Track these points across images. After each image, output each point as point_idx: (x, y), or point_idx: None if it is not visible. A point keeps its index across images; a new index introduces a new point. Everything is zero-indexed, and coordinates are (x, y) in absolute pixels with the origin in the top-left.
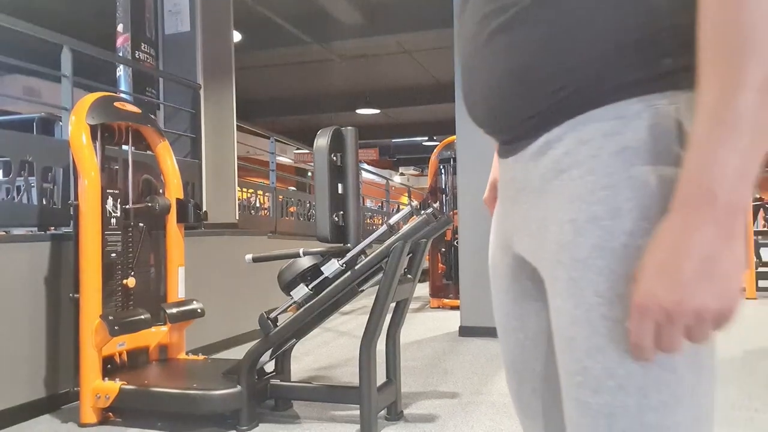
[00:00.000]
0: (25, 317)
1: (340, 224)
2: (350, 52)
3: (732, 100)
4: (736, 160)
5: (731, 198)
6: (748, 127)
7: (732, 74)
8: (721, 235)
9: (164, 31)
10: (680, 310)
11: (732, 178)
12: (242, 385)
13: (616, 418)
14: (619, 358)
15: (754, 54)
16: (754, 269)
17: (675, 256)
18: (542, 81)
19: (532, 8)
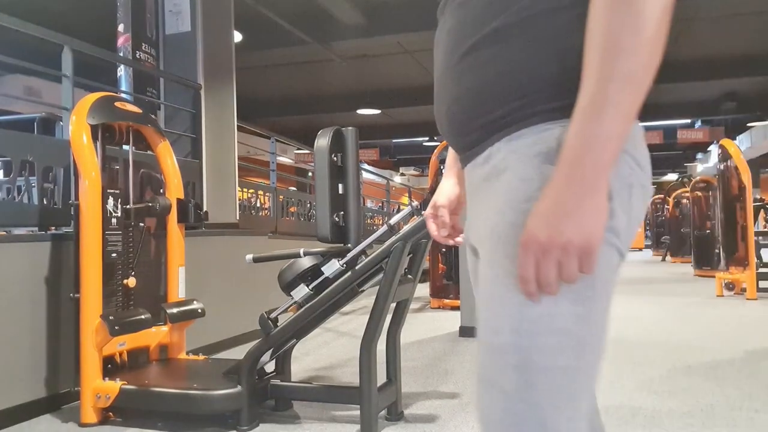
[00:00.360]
0: (26, 317)
1: (340, 224)
2: (351, 52)
3: (602, 88)
4: (601, 132)
5: (596, 161)
6: (612, 108)
7: (603, 70)
8: (586, 189)
9: (165, 31)
10: (551, 243)
11: (597, 146)
12: (242, 385)
13: (509, 356)
14: (517, 306)
15: (618, 56)
16: (754, 270)
17: (551, 204)
18: (489, 105)
19: (485, 44)
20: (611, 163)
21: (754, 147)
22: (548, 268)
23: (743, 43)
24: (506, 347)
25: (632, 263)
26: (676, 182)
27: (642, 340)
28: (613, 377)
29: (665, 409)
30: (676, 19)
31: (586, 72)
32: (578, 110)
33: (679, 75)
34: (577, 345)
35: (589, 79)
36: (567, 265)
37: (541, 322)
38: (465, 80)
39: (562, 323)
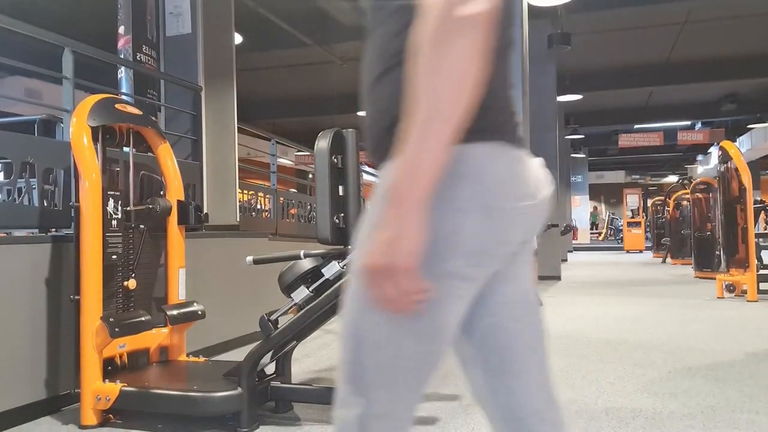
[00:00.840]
0: (26, 319)
1: (340, 226)
2: (351, 54)
3: (408, 135)
4: (409, 175)
5: (408, 198)
6: (415, 153)
7: (411, 114)
8: (400, 222)
9: (165, 32)
10: (370, 266)
11: (408, 186)
12: (243, 387)
13: (345, 348)
14: (357, 311)
15: (419, 101)
16: (755, 272)
17: (376, 234)
18: (378, 135)
19: (372, 86)
20: (421, 197)
21: (754, 148)
22: (373, 285)
23: (743, 45)
24: (344, 341)
25: (633, 265)
26: (677, 184)
27: (642, 342)
28: (613, 379)
29: (666, 411)
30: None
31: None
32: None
33: (679, 77)
34: (395, 348)
35: (406, 123)
36: (384, 283)
37: (367, 326)
38: (366, 114)
39: (381, 330)
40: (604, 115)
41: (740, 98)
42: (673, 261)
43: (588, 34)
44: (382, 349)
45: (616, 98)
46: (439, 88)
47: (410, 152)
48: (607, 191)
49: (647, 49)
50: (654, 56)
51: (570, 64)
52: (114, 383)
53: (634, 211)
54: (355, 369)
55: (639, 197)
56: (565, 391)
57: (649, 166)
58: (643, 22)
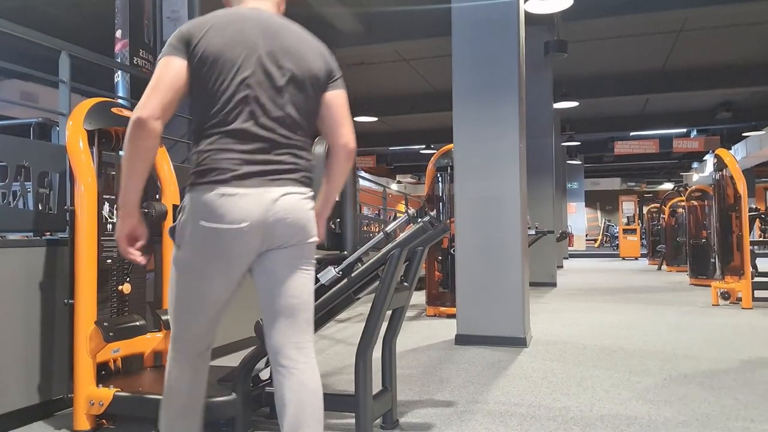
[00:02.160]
0: (20, 322)
1: (336, 231)
2: (348, 60)
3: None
4: (120, 201)
5: (122, 208)
6: (122, 193)
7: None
8: (120, 220)
9: (162, 37)
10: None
11: (122, 202)
12: (237, 393)
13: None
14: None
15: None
16: (749, 279)
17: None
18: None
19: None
20: (129, 207)
21: (749, 156)
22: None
23: (739, 53)
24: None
25: (628, 272)
26: (672, 191)
27: (637, 349)
28: (608, 386)
29: (661, 419)
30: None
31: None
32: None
33: (675, 84)
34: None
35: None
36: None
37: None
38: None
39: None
40: (600, 122)
41: (735, 106)
42: (668, 268)
43: (584, 42)
44: (172, 292)
45: (613, 105)
46: (123, 163)
47: (120, 192)
48: (603, 198)
49: (643, 57)
50: (650, 64)
51: (566, 71)
52: (107, 388)
53: (629, 218)
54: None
55: (635, 204)
56: (561, 398)
57: (645, 174)
58: (639, 30)
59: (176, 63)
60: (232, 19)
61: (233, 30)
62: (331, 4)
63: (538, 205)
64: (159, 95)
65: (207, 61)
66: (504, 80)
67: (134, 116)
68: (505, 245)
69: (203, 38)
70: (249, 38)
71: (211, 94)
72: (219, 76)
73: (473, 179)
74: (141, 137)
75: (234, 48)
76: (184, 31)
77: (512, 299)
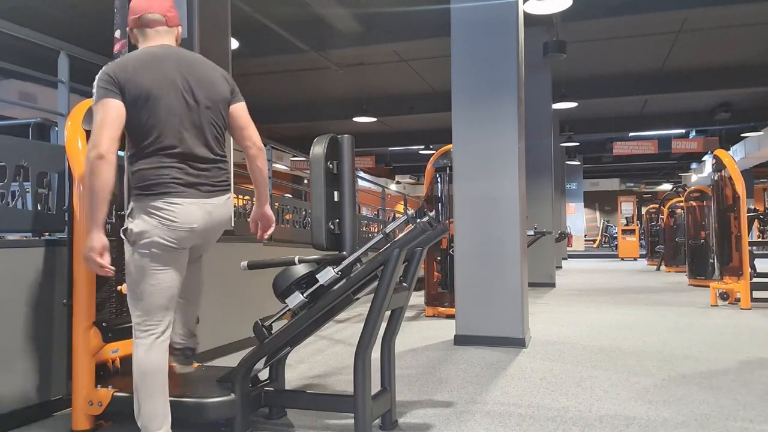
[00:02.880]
0: (18, 323)
1: (335, 232)
2: (347, 60)
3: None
4: (88, 221)
5: (93, 229)
6: (86, 216)
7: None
8: (92, 239)
9: None
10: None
11: (92, 224)
12: (236, 393)
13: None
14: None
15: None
16: (748, 280)
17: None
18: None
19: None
20: (93, 225)
21: (747, 157)
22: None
23: (737, 54)
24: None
25: (627, 272)
26: (671, 192)
27: (636, 350)
28: (607, 386)
29: (660, 419)
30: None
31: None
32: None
33: (673, 85)
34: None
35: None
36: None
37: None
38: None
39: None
40: (599, 123)
41: (734, 107)
42: (667, 269)
43: (583, 43)
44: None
45: (611, 106)
46: (89, 192)
47: (89, 215)
48: (601, 199)
49: (642, 58)
50: (649, 65)
51: (565, 72)
52: (106, 388)
53: (628, 218)
54: (132, 296)
55: (633, 205)
56: (559, 399)
57: (644, 174)
58: (638, 30)
59: (115, 103)
60: (151, 59)
61: (155, 69)
62: (329, 4)
63: (537, 206)
64: (109, 132)
65: (139, 99)
66: (503, 81)
67: (93, 153)
68: (504, 246)
69: (131, 80)
70: (169, 74)
71: (147, 124)
72: (151, 109)
73: (472, 180)
74: (103, 170)
75: (160, 84)
76: (112, 75)
77: (511, 300)
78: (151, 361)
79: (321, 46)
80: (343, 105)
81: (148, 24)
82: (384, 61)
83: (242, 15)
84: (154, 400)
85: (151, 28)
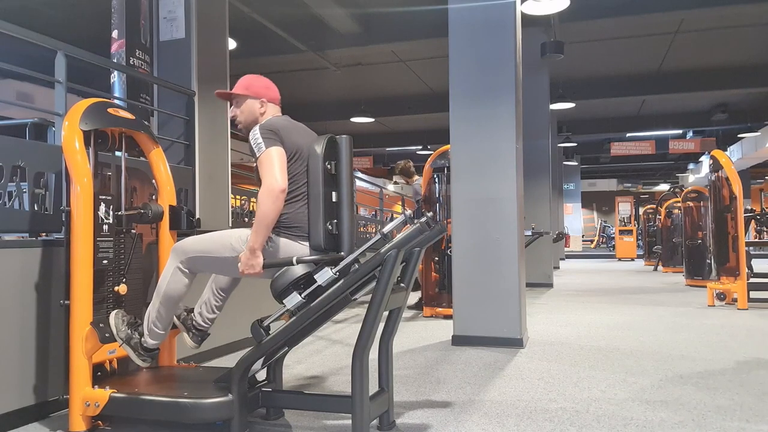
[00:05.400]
0: (15, 323)
1: (333, 233)
2: (345, 61)
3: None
4: (252, 242)
5: (256, 248)
6: (256, 237)
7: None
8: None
9: (159, 37)
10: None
11: (256, 246)
12: (234, 394)
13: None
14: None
15: (258, 220)
16: (745, 280)
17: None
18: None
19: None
20: (257, 247)
21: (745, 157)
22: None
23: (734, 55)
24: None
25: (624, 272)
26: (668, 192)
27: (633, 350)
28: (604, 387)
29: (657, 419)
30: (668, 30)
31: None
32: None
33: (671, 86)
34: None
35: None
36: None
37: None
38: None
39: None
40: (597, 124)
41: (731, 107)
42: (664, 269)
43: (581, 43)
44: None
45: (609, 107)
46: (259, 216)
47: (253, 234)
48: (599, 199)
49: (639, 58)
50: (646, 65)
51: (563, 73)
52: (103, 389)
53: (626, 219)
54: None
55: (631, 205)
56: (557, 399)
57: (641, 175)
58: (635, 31)
59: (281, 149)
60: (292, 125)
61: (295, 132)
62: (328, 5)
63: (534, 206)
64: (283, 171)
65: (289, 150)
66: (501, 81)
67: (275, 187)
68: (502, 246)
69: (286, 136)
70: (303, 138)
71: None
72: (299, 163)
73: (470, 180)
74: (279, 200)
75: (301, 144)
76: (273, 129)
77: (509, 300)
78: (179, 288)
79: (319, 46)
80: (341, 105)
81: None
82: (382, 61)
83: (240, 15)
84: (166, 314)
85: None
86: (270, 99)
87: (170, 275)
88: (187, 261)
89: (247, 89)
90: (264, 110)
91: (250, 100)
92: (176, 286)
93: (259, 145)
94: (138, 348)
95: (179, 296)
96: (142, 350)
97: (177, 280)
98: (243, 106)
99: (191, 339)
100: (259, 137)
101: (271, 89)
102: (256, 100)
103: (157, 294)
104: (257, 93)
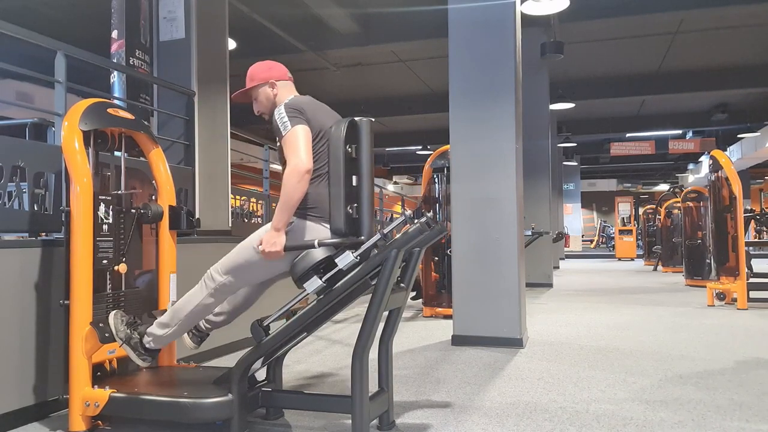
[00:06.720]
0: (15, 323)
1: (354, 216)
2: (345, 61)
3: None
4: (277, 221)
5: (279, 228)
6: (280, 216)
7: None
8: (279, 236)
9: (159, 37)
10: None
11: (280, 225)
12: (233, 394)
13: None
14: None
15: (283, 200)
16: (745, 280)
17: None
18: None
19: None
20: (281, 227)
21: (744, 158)
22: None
23: (734, 55)
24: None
25: (624, 272)
26: (668, 192)
27: (633, 350)
28: (604, 386)
29: (656, 419)
30: (668, 30)
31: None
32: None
33: (670, 86)
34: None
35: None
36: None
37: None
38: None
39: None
40: (597, 124)
41: (731, 108)
42: (664, 269)
43: (581, 43)
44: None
45: (609, 107)
46: (285, 196)
47: (277, 213)
48: (599, 199)
49: (639, 59)
50: (646, 65)
51: (562, 73)
52: (103, 389)
53: (625, 219)
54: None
55: (631, 205)
56: (557, 399)
57: (641, 175)
58: (635, 31)
59: (306, 128)
60: (317, 105)
61: (320, 111)
62: (327, 5)
63: (534, 206)
64: (309, 151)
65: (314, 129)
66: (500, 81)
67: (301, 167)
68: (502, 246)
69: (311, 115)
70: (328, 118)
71: (318, 151)
72: (323, 142)
73: (470, 180)
74: (304, 180)
75: (325, 123)
76: (298, 107)
77: (509, 300)
78: (204, 309)
79: (319, 46)
80: (341, 105)
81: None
82: (382, 61)
83: (240, 15)
84: (184, 328)
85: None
86: (277, 77)
87: (200, 300)
88: (225, 280)
89: (252, 80)
90: (276, 90)
91: (260, 88)
92: (203, 310)
93: (285, 123)
94: (138, 348)
95: (201, 318)
96: (142, 350)
97: (207, 304)
98: (258, 98)
99: (190, 340)
100: (285, 115)
101: (273, 68)
102: (265, 85)
103: (175, 314)
104: (263, 78)
